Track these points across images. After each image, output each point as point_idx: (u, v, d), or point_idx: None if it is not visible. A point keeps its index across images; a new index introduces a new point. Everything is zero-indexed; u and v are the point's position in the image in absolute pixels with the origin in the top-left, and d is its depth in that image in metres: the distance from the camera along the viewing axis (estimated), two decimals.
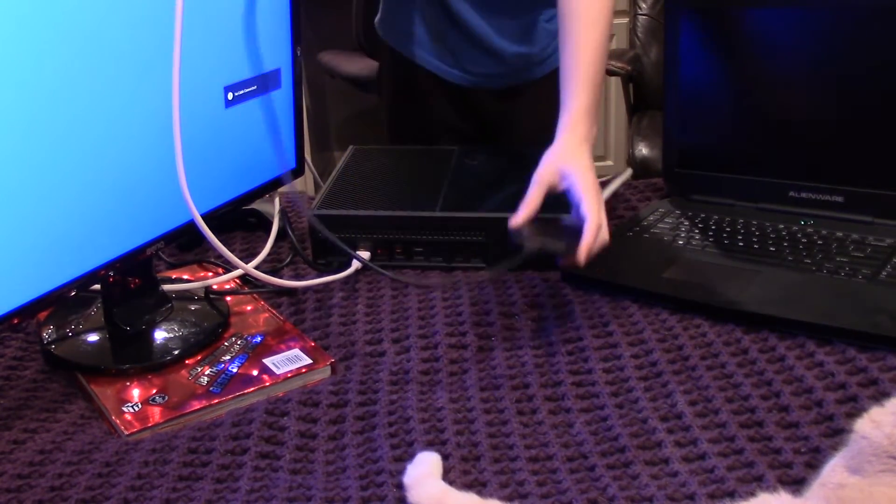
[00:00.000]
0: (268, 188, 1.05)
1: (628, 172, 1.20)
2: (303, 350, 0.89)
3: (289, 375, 0.86)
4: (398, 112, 1.44)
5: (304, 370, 0.86)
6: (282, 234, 1.12)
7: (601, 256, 1.03)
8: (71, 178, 0.79)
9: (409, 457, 0.74)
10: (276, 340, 0.91)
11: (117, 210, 0.84)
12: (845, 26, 1.04)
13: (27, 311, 0.79)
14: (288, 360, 0.88)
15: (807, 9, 1.06)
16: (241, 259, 0.92)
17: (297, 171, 1.10)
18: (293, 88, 1.05)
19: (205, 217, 0.86)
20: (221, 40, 0.92)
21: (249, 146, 1.00)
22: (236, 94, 0.95)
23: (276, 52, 1.01)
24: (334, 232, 1.02)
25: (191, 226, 0.91)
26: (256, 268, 0.97)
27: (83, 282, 0.83)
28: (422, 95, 1.38)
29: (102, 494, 0.71)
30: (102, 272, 0.85)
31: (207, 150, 0.93)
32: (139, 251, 0.88)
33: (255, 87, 0.98)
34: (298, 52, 1.04)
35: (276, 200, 1.11)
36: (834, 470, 0.62)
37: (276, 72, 1.01)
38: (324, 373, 0.87)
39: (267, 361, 0.88)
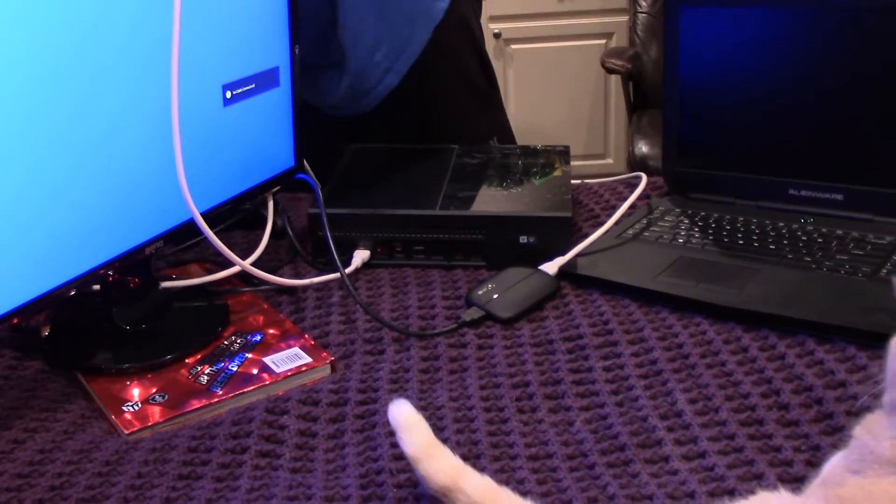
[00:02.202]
0: (266, 187, 1.05)
1: (643, 180, 1.19)
2: (302, 348, 0.89)
3: (288, 374, 0.86)
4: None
5: (303, 369, 0.86)
6: (282, 233, 1.12)
7: (601, 256, 1.03)
8: (69, 177, 0.79)
9: None
10: (275, 339, 0.91)
11: (116, 209, 0.84)
12: (845, 25, 1.04)
13: (27, 310, 0.79)
14: (288, 359, 0.88)
15: (807, 7, 1.06)
16: (239, 257, 0.92)
17: (296, 170, 1.10)
18: (291, 87, 1.05)
19: (204, 215, 0.86)
20: (220, 38, 0.92)
21: (248, 144, 1.00)
22: (234, 92, 0.95)
23: (275, 50, 1.00)
24: (334, 231, 1.02)
25: (190, 224, 0.91)
26: (253, 265, 0.97)
27: (83, 281, 0.83)
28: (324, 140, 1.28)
29: (102, 494, 0.71)
30: (102, 271, 0.85)
31: (206, 148, 0.93)
32: (138, 250, 0.88)
33: (253, 86, 0.98)
34: (297, 50, 1.03)
35: (270, 198, 1.11)
36: (834, 469, 0.62)
37: (275, 70, 1.01)
38: (323, 371, 0.87)
39: (267, 360, 0.88)
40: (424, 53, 1.30)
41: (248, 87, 0.97)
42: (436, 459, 0.66)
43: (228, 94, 0.94)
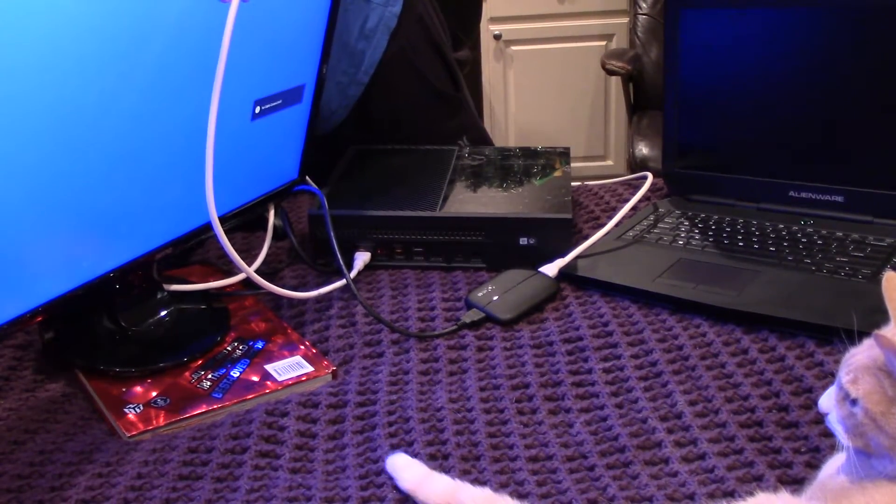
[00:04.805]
0: (271, 197, 1.05)
1: (649, 179, 1.19)
2: (304, 357, 0.89)
3: (289, 383, 0.85)
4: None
5: (303, 378, 0.86)
6: (282, 235, 1.12)
7: (601, 258, 1.03)
8: (90, 182, 0.78)
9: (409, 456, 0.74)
10: (277, 346, 0.91)
11: (134, 216, 0.84)
12: (845, 26, 1.04)
13: (38, 314, 0.78)
14: (289, 367, 0.87)
15: (807, 9, 1.06)
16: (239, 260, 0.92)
17: (298, 181, 1.10)
18: (311, 103, 1.04)
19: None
20: (260, 55, 0.90)
21: (263, 157, 0.99)
22: (263, 107, 0.94)
23: (304, 69, 0.99)
24: (334, 232, 1.02)
25: (198, 231, 0.91)
26: (256, 271, 0.96)
27: (96, 285, 0.82)
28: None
29: (102, 494, 0.71)
30: (112, 275, 0.85)
31: (225, 159, 0.92)
32: (149, 256, 0.88)
33: (280, 102, 0.97)
34: (324, 70, 1.03)
35: (271, 206, 1.10)
36: (833, 471, 0.62)
37: (301, 87, 1.00)
38: (325, 381, 0.87)
39: (269, 368, 0.87)
40: (382, 59, 1.30)
41: (275, 103, 0.96)
42: (429, 484, 0.68)
43: (257, 110, 0.93)
